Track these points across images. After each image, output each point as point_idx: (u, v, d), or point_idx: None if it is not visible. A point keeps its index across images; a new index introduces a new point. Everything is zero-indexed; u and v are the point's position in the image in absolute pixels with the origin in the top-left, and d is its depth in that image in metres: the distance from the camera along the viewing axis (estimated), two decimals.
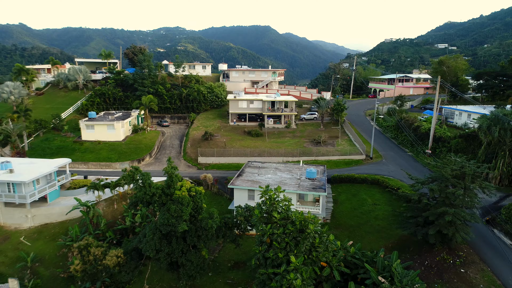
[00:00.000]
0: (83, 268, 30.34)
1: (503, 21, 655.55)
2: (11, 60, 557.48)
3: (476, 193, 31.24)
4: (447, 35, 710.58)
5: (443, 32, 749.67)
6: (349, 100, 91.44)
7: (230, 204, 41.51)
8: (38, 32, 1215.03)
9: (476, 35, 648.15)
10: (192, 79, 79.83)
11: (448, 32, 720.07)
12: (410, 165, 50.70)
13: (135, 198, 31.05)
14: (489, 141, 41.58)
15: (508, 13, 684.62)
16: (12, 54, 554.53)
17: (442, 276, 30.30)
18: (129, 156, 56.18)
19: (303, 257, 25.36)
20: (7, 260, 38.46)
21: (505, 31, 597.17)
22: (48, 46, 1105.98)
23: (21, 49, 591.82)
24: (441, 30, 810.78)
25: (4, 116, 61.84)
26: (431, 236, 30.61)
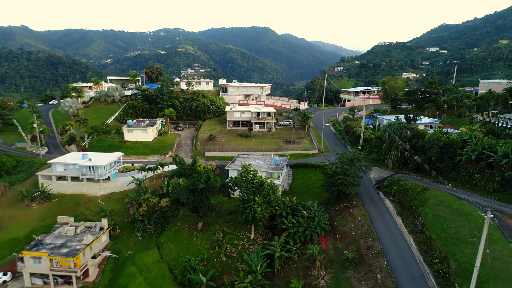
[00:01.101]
0: (147, 209, 56.78)
1: (494, 24, 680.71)
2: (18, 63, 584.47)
3: (361, 170, 57.81)
4: (441, 37, 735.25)
5: (437, 34, 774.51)
6: (321, 109, 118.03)
7: (227, 179, 67.82)
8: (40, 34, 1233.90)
9: (468, 38, 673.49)
10: (199, 94, 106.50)
11: (442, 35, 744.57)
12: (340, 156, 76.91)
13: (172, 173, 57.44)
14: (387, 141, 67.97)
15: (500, 16, 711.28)
16: (19, 57, 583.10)
17: (341, 214, 56.72)
18: (158, 151, 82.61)
19: (262, 199, 51.93)
20: (93, 212, 64.82)
21: (496, 34, 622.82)
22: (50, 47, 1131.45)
23: (27, 52, 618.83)
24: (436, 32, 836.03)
25: (67, 123, 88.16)
26: (334, 192, 57.10)
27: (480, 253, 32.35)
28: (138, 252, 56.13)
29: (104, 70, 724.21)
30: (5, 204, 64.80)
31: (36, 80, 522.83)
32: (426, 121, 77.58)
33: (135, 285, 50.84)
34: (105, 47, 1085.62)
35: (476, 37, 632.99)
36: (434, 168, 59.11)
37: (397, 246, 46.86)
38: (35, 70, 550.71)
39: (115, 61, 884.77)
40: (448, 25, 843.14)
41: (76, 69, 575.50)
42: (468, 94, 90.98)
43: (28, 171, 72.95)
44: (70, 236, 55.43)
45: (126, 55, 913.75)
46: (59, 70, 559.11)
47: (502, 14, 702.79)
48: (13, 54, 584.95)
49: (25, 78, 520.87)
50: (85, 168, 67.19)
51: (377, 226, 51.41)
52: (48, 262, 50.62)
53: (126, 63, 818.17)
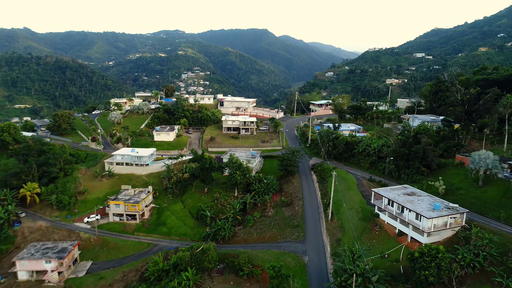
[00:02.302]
0: (175, 180, 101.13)
1: (481, 30, 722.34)
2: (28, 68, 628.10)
3: (302, 156, 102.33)
4: (431, 42, 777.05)
5: (427, 39, 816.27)
6: (293, 117, 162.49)
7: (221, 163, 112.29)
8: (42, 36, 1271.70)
9: (455, 43, 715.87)
10: (203, 107, 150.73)
11: (432, 40, 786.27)
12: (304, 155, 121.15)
13: (190, 159, 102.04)
14: (319, 141, 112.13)
15: (486, 22, 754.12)
16: (29, 62, 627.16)
17: (286, 182, 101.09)
18: (177, 147, 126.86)
19: (241, 173, 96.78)
20: (140, 184, 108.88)
21: (481, 40, 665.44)
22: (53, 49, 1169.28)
23: (36, 57, 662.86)
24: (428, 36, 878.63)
25: (114, 129, 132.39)
26: (283, 170, 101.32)
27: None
28: (170, 205, 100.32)
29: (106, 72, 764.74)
30: (87, 179, 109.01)
31: (46, 84, 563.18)
32: (352, 127, 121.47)
33: (170, 220, 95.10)
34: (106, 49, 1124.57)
35: (462, 42, 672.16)
36: (343, 156, 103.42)
37: (310, 196, 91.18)
38: (44, 74, 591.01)
39: (117, 63, 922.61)
40: (440, 29, 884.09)
41: (82, 73, 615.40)
42: (386, 110, 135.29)
43: (95, 160, 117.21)
44: (131, 195, 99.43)
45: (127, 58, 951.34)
46: (67, 74, 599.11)
47: (488, 20, 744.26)
48: (23, 59, 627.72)
49: (35, 82, 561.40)
50: (134, 158, 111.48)
51: (303, 187, 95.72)
52: (123, 207, 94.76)
53: (128, 66, 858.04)
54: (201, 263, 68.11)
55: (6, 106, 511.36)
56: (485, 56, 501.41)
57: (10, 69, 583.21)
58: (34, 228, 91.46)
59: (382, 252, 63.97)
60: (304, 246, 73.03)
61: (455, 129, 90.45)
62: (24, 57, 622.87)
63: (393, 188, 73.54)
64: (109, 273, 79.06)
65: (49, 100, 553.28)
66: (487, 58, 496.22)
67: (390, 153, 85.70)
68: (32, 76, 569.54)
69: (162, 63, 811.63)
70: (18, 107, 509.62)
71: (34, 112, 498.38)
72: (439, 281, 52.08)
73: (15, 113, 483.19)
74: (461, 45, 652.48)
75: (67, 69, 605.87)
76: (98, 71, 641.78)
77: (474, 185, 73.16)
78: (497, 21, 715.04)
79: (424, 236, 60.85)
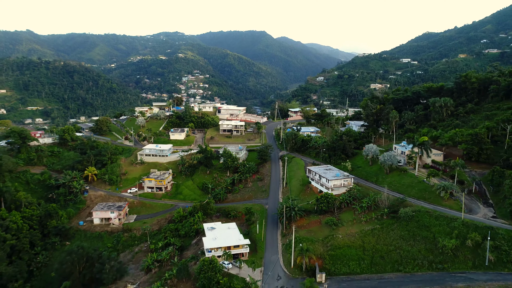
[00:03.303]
0: (188, 165, 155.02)
1: (467, 35, 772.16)
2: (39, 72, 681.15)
3: (273, 149, 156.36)
4: (420, 47, 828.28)
5: (417, 43, 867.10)
6: (274, 122, 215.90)
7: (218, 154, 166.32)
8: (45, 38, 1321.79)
9: (442, 48, 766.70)
10: (205, 114, 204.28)
11: (421, 44, 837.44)
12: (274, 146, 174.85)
13: (197, 152, 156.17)
14: (286, 139, 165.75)
15: (472, 28, 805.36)
16: (39, 67, 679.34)
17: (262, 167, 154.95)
18: (186, 144, 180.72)
19: (231, 160, 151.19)
20: (163, 168, 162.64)
21: (466, 45, 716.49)
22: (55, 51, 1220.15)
23: (45, 62, 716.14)
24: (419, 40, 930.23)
25: (140, 130, 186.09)
26: (260, 159, 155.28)
27: (282, 172, 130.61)
28: (183, 181, 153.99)
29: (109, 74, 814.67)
30: (126, 165, 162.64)
31: (55, 87, 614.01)
32: (311, 129, 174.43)
33: (184, 191, 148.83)
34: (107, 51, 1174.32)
35: (449, 47, 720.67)
36: (300, 149, 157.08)
37: (276, 174, 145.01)
38: (53, 77, 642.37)
39: (119, 66, 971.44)
40: (431, 33, 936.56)
41: (89, 76, 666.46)
42: (338, 117, 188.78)
43: (130, 152, 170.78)
44: (158, 175, 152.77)
45: (129, 60, 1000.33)
46: (74, 78, 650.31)
47: (474, 26, 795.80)
48: (33, 63, 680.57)
49: (45, 85, 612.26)
50: (158, 151, 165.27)
51: (272, 169, 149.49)
52: (154, 182, 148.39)
53: (130, 68, 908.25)
54: (205, 210, 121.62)
55: (20, 108, 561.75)
56: (464, 62, 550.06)
57: (21, 73, 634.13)
58: (96, 195, 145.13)
59: (309, 201, 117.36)
60: (267, 201, 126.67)
61: (369, 131, 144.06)
62: (34, 62, 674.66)
63: (319, 166, 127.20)
64: (148, 220, 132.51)
65: (58, 102, 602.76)
66: (465, 64, 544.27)
67: (325, 146, 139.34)
68: (42, 80, 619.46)
69: (163, 66, 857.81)
70: (30, 109, 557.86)
71: (45, 113, 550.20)
72: (328, 210, 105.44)
73: (28, 115, 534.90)
74: (447, 50, 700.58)
75: (74, 73, 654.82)
76: (103, 75, 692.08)
77: (367, 164, 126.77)
78: (482, 26, 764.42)
79: (329, 191, 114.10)
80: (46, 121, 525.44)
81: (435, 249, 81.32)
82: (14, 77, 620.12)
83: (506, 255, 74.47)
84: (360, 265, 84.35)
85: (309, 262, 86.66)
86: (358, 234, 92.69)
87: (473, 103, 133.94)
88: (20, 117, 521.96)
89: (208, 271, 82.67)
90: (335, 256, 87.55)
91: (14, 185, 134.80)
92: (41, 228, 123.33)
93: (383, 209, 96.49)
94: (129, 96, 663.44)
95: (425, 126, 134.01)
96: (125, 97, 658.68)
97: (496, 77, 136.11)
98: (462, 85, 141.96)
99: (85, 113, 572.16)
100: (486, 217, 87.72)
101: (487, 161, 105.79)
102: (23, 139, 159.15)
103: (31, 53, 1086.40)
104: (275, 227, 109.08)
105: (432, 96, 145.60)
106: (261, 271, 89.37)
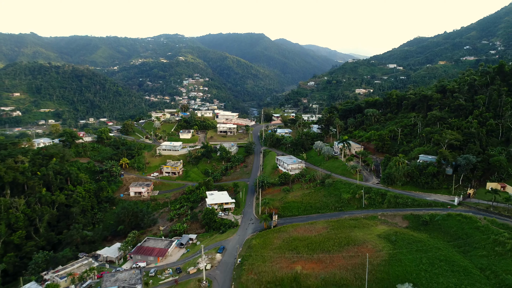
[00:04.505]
0: (194, 156, 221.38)
1: (453, 41, 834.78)
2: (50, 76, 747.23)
3: (256, 145, 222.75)
4: (409, 51, 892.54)
5: (407, 48, 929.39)
6: (260, 125, 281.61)
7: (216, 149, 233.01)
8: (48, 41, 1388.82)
9: (428, 54, 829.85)
10: (206, 119, 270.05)
11: (410, 49, 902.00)
12: (257, 143, 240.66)
13: (201, 147, 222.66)
14: (266, 138, 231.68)
15: (458, 34, 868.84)
16: (50, 71, 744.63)
17: (248, 157, 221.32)
18: (192, 142, 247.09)
19: (226, 153, 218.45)
20: (175, 159, 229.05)
21: (451, 51, 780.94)
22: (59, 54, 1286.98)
23: (55, 67, 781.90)
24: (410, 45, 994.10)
25: (157, 131, 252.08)
26: (246, 152, 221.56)
27: (261, 161, 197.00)
28: (191, 168, 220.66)
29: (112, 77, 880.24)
30: (148, 157, 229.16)
31: (65, 90, 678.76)
32: (285, 131, 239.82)
33: (192, 175, 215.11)
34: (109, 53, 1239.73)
35: (435, 53, 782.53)
36: (275, 145, 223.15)
37: (257, 163, 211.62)
38: (63, 81, 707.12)
39: (122, 68, 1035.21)
40: (422, 38, 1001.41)
41: (96, 80, 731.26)
42: (307, 121, 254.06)
43: (150, 148, 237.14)
44: (172, 163, 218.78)
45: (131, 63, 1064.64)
46: (83, 82, 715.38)
47: (460, 32, 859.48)
48: (44, 68, 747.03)
49: (56, 89, 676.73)
50: (172, 146, 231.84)
51: (255, 159, 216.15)
52: (170, 169, 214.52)
53: (132, 71, 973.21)
54: (207, 186, 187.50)
55: (33, 110, 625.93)
56: (443, 69, 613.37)
57: (33, 77, 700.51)
58: (129, 177, 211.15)
59: (275, 178, 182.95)
60: (248, 180, 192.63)
61: (322, 132, 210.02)
62: (45, 67, 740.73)
63: (284, 156, 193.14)
64: (168, 194, 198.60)
65: (68, 104, 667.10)
66: (444, 70, 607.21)
67: (291, 143, 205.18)
68: (53, 83, 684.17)
69: (164, 69, 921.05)
70: (43, 111, 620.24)
71: (57, 115, 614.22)
72: (285, 183, 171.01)
73: (41, 116, 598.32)
74: (433, 55, 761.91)
75: (82, 77, 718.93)
76: (109, 79, 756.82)
77: (317, 155, 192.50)
78: (467, 33, 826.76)
79: (288, 171, 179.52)
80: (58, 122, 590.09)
81: (340, 200, 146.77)
82: (27, 81, 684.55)
83: (373, 201, 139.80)
84: (298, 211, 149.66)
85: (270, 211, 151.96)
86: (300, 195, 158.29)
87: (393, 113, 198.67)
88: (34, 118, 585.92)
89: (209, 214, 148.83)
90: (285, 207, 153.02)
91: (74, 169, 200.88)
92: (96, 197, 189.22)
93: (317, 181, 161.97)
94: (133, 99, 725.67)
95: (360, 129, 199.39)
96: (130, 99, 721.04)
97: (409, 95, 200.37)
98: (387, 100, 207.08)
99: (93, 115, 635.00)
100: (373, 183, 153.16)
101: (387, 152, 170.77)
102: (73, 138, 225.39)
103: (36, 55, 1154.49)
104: (252, 194, 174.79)
105: (369, 107, 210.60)
106: (241, 217, 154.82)
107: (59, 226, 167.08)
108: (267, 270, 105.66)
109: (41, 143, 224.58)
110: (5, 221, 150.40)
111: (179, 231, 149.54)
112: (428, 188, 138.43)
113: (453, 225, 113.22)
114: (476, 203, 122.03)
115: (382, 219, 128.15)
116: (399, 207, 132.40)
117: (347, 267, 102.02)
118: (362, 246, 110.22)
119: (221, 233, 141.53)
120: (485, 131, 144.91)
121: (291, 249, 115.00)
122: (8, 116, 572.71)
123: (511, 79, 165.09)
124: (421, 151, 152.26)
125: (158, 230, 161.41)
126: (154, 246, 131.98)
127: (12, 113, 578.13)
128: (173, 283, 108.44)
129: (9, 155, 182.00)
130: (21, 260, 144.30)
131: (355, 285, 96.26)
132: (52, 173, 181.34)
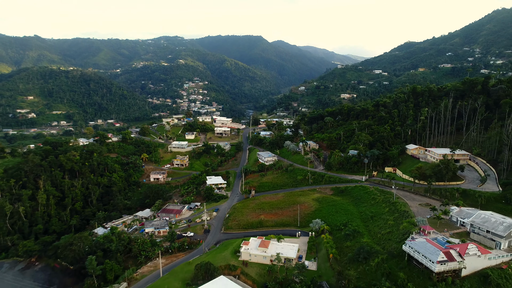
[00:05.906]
0: (197, 152, 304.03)
1: (437, 47, 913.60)
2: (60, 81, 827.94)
3: (244, 144, 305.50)
4: (397, 57, 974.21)
5: (396, 53, 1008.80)
6: (249, 128, 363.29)
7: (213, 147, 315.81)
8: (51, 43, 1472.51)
9: (414, 59, 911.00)
10: (206, 123, 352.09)
11: (398, 54, 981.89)
12: (245, 143, 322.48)
13: (202, 145, 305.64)
14: (252, 138, 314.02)
15: (443, 40, 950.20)
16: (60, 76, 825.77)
17: (237, 153, 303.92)
18: (195, 141, 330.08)
19: (221, 150, 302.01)
20: (183, 154, 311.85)
21: (435, 57, 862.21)
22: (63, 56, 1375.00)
23: (65, 71, 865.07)
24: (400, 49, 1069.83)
25: (168, 133, 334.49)
26: (236, 149, 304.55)
27: (247, 156, 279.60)
28: (194, 161, 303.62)
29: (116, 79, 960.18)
30: (162, 152, 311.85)
31: (74, 94, 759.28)
32: (268, 133, 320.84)
33: (195, 165, 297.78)
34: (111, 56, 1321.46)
35: (420, 58, 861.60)
36: (258, 144, 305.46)
37: (244, 157, 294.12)
38: (73, 85, 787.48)
39: (124, 71, 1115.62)
40: (411, 43, 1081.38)
41: (103, 84, 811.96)
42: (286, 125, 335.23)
43: (163, 146, 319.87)
44: (181, 157, 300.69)
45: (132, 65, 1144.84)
46: (91, 85, 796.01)
47: (445, 39, 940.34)
48: (55, 72, 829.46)
49: (66, 92, 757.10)
50: (180, 145, 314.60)
51: (243, 154, 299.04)
52: (179, 162, 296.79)
53: (134, 74, 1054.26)
54: (207, 173, 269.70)
55: (46, 112, 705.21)
56: (422, 75, 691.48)
57: (45, 81, 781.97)
58: (149, 168, 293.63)
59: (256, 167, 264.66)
60: (237, 169, 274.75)
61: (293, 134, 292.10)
62: (55, 71, 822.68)
63: (263, 152, 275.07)
64: (178, 179, 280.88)
65: (78, 107, 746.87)
66: (423, 77, 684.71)
67: (270, 142, 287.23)
68: (63, 87, 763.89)
69: (165, 72, 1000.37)
70: (55, 113, 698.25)
71: (67, 117, 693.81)
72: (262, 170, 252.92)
73: (53, 118, 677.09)
74: (418, 61, 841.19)
75: (90, 81, 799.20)
76: (115, 83, 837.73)
77: (286, 151, 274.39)
78: (452, 39, 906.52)
79: (265, 162, 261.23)
80: (69, 123, 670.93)
81: (295, 180, 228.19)
82: (40, 85, 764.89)
83: (316, 180, 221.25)
84: (268, 188, 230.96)
85: (249, 188, 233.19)
86: (271, 178, 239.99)
87: (344, 120, 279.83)
88: (47, 120, 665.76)
89: (209, 190, 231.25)
90: (260, 186, 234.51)
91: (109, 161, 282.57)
92: (126, 182, 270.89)
93: (283, 168, 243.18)
94: (138, 102, 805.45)
95: (319, 132, 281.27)
96: (135, 102, 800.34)
97: (356, 107, 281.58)
98: (341, 110, 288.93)
99: (101, 117, 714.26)
100: (320, 169, 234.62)
101: (334, 148, 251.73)
102: (104, 138, 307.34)
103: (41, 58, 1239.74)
104: (239, 178, 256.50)
105: (329, 116, 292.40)
106: (230, 192, 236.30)
107: (103, 200, 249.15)
108: (243, 219, 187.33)
109: (81, 142, 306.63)
110: (70, 195, 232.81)
111: (188, 201, 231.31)
112: (352, 171, 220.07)
113: (356, 192, 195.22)
114: (375, 180, 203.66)
115: (318, 191, 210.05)
116: (331, 183, 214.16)
117: (290, 215, 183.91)
118: (302, 205, 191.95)
119: (216, 201, 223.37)
120: (393, 135, 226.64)
121: (260, 208, 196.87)
122: (24, 117, 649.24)
123: (420, 97, 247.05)
124: (352, 147, 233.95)
125: (173, 202, 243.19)
126: (173, 208, 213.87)
127: (28, 115, 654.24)
128: (186, 227, 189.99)
129: (65, 151, 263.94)
130: (81, 221, 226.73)
131: (293, 224, 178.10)
132: (96, 163, 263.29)
